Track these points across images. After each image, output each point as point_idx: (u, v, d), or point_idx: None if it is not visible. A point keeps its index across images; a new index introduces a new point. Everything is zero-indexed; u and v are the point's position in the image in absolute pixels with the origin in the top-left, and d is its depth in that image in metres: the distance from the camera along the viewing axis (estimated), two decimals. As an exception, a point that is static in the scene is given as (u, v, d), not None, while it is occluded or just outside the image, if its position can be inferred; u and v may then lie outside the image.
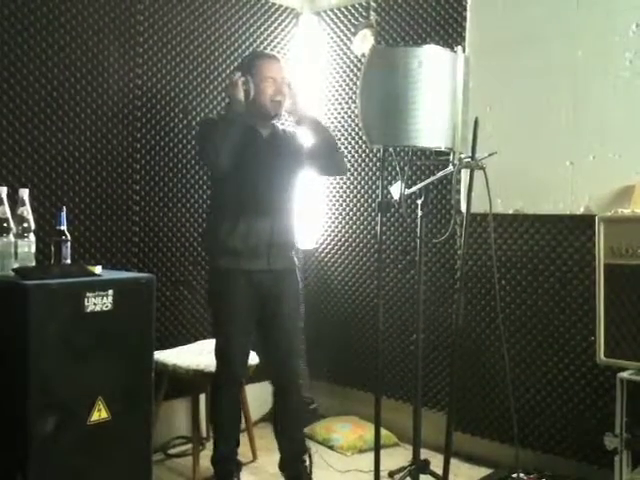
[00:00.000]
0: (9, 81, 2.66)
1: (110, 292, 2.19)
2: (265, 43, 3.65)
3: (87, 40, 2.90)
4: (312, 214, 3.81)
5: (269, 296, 2.75)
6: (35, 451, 2.01)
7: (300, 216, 2.97)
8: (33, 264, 2.26)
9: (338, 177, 3.63)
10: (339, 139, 3.72)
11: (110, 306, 2.19)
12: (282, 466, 2.85)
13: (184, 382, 2.95)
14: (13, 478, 2.01)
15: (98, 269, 2.32)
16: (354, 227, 3.70)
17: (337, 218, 3.78)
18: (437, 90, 2.16)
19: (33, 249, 2.27)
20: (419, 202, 2.47)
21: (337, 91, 3.75)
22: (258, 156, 2.71)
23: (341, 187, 3.75)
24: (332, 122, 3.76)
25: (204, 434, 3.25)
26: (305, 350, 3.75)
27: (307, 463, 2.81)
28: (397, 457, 3.01)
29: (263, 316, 2.77)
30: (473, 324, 3.16)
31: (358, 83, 2.26)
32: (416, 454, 2.51)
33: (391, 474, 2.85)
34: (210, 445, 2.89)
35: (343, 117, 3.73)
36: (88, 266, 2.32)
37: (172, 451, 3.22)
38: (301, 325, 2.86)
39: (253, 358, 2.92)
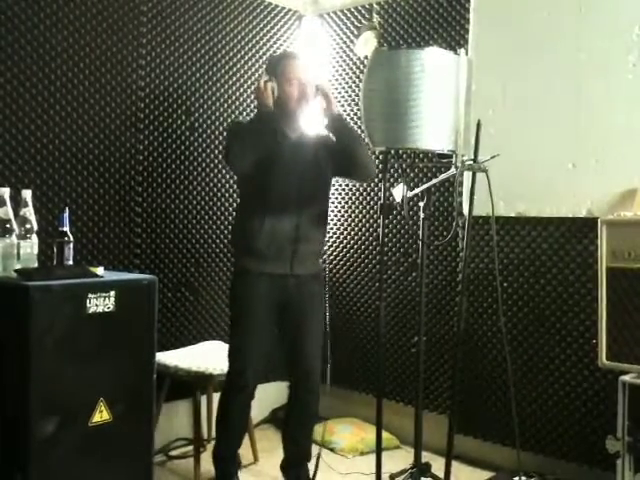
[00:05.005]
0: (12, 82, 2.67)
1: (112, 293, 2.19)
2: (268, 45, 3.65)
3: (90, 42, 2.91)
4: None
5: (291, 300, 2.72)
6: (36, 452, 2.01)
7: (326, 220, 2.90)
8: (35, 265, 2.25)
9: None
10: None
11: (112, 307, 2.19)
12: (284, 466, 2.85)
13: (185, 384, 2.95)
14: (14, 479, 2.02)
15: (100, 270, 2.32)
16: (356, 229, 3.70)
17: (339, 220, 3.78)
18: (440, 92, 2.16)
19: (35, 250, 2.26)
20: (421, 204, 2.47)
21: (340, 93, 3.75)
22: (285, 159, 2.68)
23: (343, 189, 3.75)
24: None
25: (205, 436, 3.25)
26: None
27: (310, 467, 2.80)
28: (398, 460, 3.01)
29: (286, 319, 2.76)
30: (475, 327, 3.16)
31: (361, 85, 2.26)
32: (417, 457, 2.51)
33: (392, 477, 2.83)
34: (211, 447, 2.89)
35: (346, 119, 3.72)
36: (90, 267, 2.32)
37: (173, 453, 3.23)
38: (323, 329, 2.85)
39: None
